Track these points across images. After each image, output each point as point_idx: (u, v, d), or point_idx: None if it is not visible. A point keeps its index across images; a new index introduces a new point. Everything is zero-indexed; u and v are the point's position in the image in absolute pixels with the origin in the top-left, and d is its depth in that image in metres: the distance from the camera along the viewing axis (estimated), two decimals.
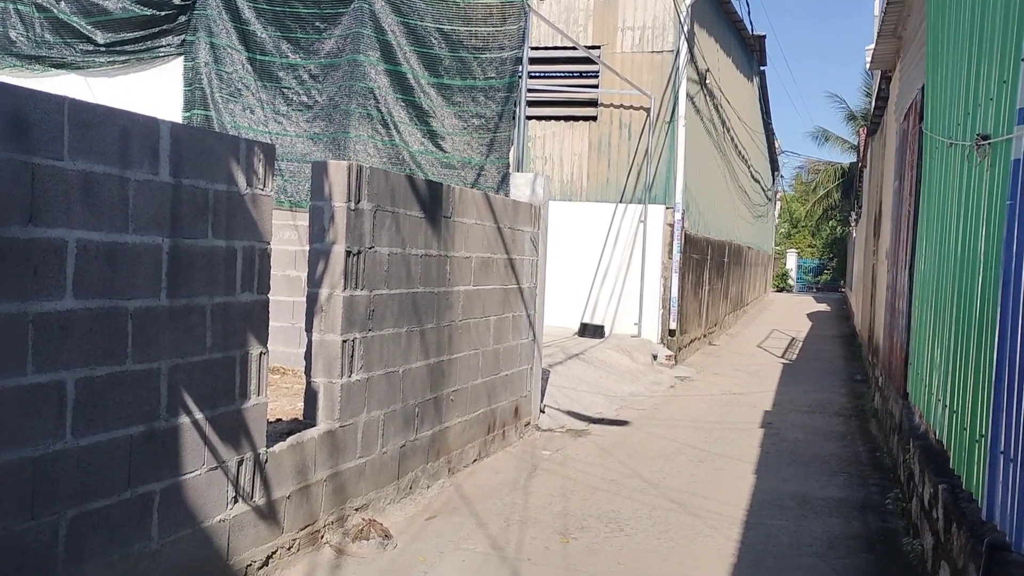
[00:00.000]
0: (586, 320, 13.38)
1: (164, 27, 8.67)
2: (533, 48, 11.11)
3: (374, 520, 5.04)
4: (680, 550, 5.08)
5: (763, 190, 27.44)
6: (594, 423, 8.72)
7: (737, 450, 7.79)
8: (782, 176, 39.61)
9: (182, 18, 8.54)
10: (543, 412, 8.48)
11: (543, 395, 8.66)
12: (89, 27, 8.87)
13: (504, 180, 7.98)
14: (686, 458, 7.44)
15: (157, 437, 3.56)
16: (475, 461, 6.83)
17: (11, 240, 2.93)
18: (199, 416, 3.80)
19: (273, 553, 4.35)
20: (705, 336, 16.64)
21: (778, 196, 41.13)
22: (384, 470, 5.45)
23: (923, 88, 5.95)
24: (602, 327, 13.12)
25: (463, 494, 6.02)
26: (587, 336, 12.88)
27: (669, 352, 13.08)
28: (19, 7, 8.98)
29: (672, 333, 13.37)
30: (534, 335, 8.01)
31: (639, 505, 5.94)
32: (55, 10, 8.88)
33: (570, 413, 8.88)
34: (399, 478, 5.64)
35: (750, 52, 20.57)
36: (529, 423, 8.02)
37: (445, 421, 6.28)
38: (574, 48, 12.46)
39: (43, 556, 3.09)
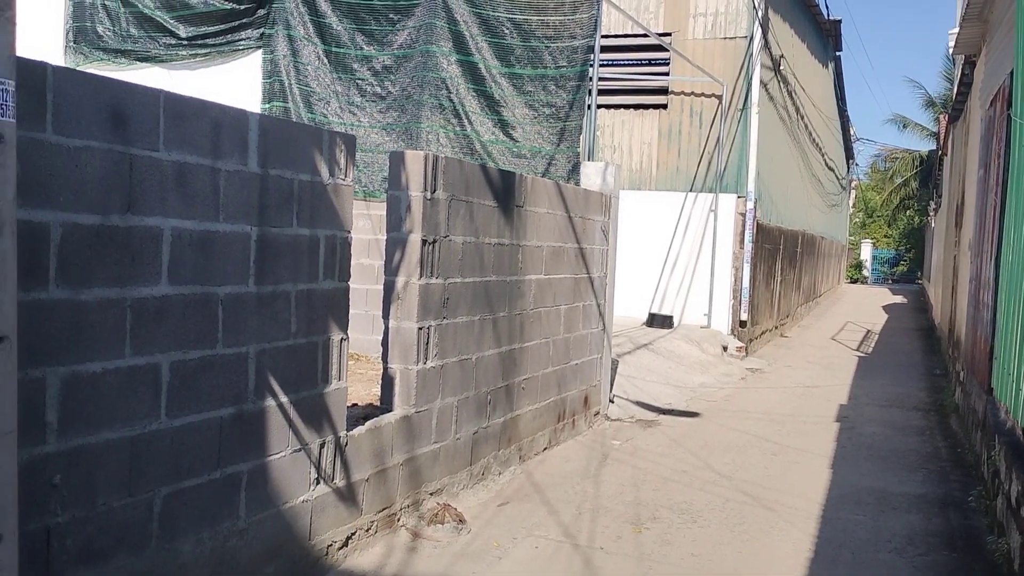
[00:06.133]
0: (655, 310, 13.29)
1: (243, 20, 8.90)
2: (604, 36, 11.04)
3: (448, 505, 5.12)
4: (754, 543, 5.04)
5: (837, 179, 26.80)
6: (664, 414, 8.67)
7: (812, 444, 7.67)
8: (857, 164, 38.53)
9: (261, 12, 8.74)
10: (612, 402, 8.47)
11: (612, 385, 8.65)
12: (172, 21, 9.16)
13: (574, 169, 7.97)
14: (759, 451, 7.35)
15: (245, 419, 3.68)
16: (545, 449, 6.87)
17: (112, 228, 3.06)
18: (284, 399, 3.91)
19: (352, 534, 4.46)
20: (777, 328, 16.36)
21: (853, 185, 40.14)
22: (457, 456, 5.52)
23: (1012, 73, 5.73)
24: (671, 317, 13.01)
25: (534, 481, 6.06)
26: (655, 326, 12.79)
27: (740, 343, 12.91)
28: (106, 2, 9.31)
29: (743, 324, 13.18)
30: (604, 324, 8.00)
31: (711, 497, 5.90)
32: (140, 5, 9.18)
33: (639, 403, 8.85)
34: (471, 464, 5.71)
35: (825, 37, 20.07)
36: (598, 412, 8.03)
37: (516, 409, 6.33)
38: (645, 35, 12.34)
39: (139, 532, 3.22)
